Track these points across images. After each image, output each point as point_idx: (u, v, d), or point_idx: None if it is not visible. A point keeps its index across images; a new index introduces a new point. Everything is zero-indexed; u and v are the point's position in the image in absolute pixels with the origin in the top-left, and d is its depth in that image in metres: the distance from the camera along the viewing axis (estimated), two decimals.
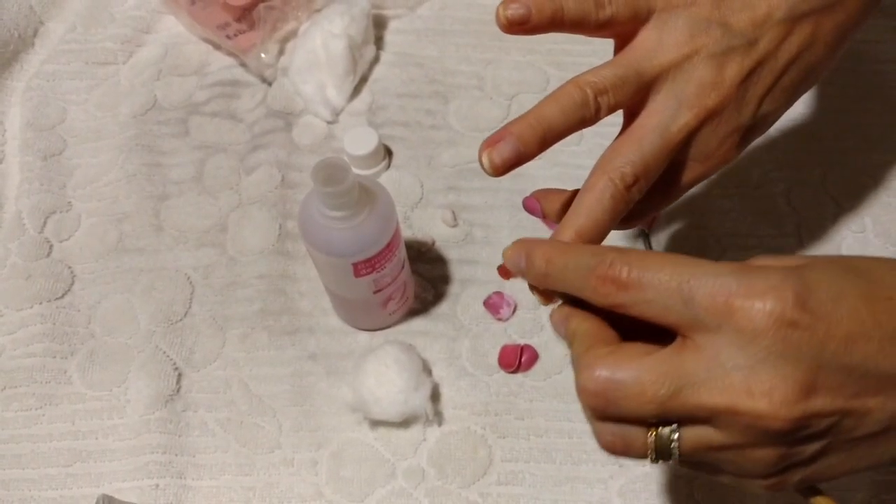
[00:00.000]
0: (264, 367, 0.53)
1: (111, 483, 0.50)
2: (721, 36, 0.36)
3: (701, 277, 0.28)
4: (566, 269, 0.32)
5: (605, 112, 0.36)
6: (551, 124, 0.36)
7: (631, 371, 0.29)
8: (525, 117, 0.36)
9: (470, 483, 0.49)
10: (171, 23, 0.69)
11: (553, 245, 0.33)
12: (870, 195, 0.58)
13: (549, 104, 0.36)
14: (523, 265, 0.34)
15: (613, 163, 0.36)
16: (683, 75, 0.36)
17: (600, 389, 0.29)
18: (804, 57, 0.37)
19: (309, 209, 0.45)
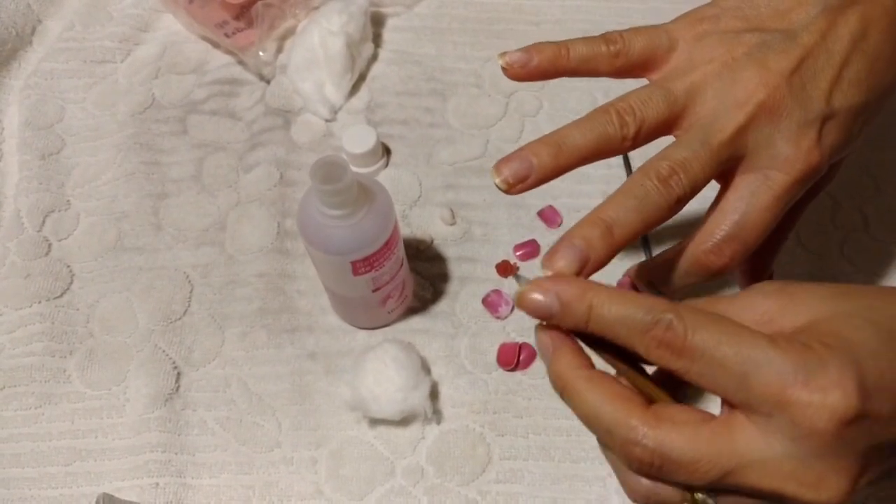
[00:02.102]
0: (263, 365, 0.53)
1: (111, 482, 0.50)
2: (758, 39, 0.35)
3: (761, 364, 0.27)
4: (614, 321, 0.29)
5: (634, 130, 0.35)
6: (567, 140, 0.34)
7: (684, 447, 0.27)
8: (542, 137, 0.35)
9: (469, 481, 0.49)
10: (169, 21, 0.69)
11: (598, 290, 0.30)
12: (869, 194, 0.58)
13: (569, 125, 0.35)
14: (555, 310, 0.30)
15: (652, 161, 0.34)
16: (724, 81, 0.35)
17: (649, 459, 0.28)
18: (861, 46, 0.35)
19: (308, 207, 0.45)
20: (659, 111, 0.35)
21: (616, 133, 0.34)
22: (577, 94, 0.64)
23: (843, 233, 0.57)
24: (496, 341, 0.53)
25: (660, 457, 0.27)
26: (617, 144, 0.35)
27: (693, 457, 0.27)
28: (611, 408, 0.29)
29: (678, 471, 0.27)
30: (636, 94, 0.35)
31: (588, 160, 0.35)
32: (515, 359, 0.52)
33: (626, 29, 0.37)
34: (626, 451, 0.28)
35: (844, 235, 0.57)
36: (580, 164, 0.35)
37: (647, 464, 0.28)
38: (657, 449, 0.27)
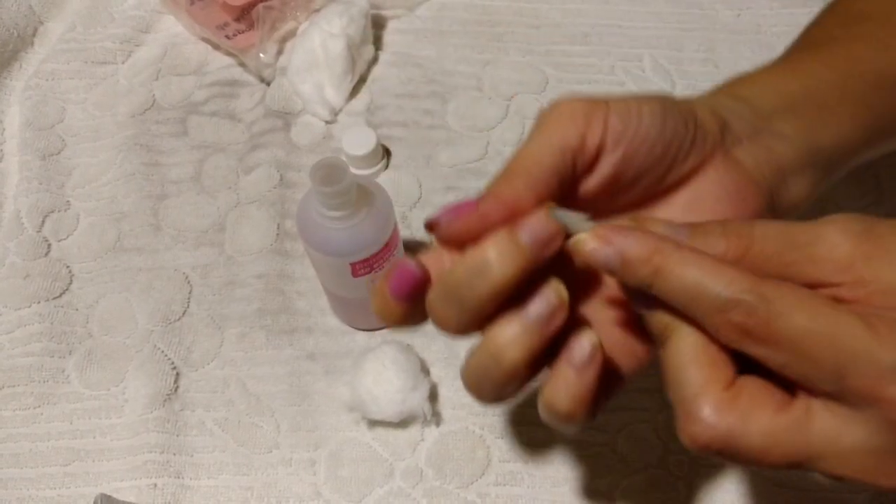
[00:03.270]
0: (262, 366, 0.53)
1: (109, 482, 0.49)
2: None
3: (858, 356, 0.24)
4: (682, 290, 0.26)
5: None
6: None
7: (759, 434, 0.25)
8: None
9: (468, 483, 0.49)
10: (170, 23, 0.69)
11: (668, 252, 0.26)
12: (871, 198, 0.58)
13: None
14: (614, 265, 0.27)
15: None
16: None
17: (718, 444, 0.26)
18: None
19: (307, 209, 0.45)
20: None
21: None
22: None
23: None
24: None
25: (723, 442, 0.26)
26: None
27: (764, 447, 0.26)
28: (693, 370, 0.26)
29: (741, 457, 0.26)
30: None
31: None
32: None
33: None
34: (686, 425, 0.26)
35: None
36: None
37: (702, 446, 0.26)
38: (723, 434, 0.25)
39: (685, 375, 0.27)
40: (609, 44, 0.67)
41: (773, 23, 0.68)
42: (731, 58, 0.66)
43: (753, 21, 0.68)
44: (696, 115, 0.33)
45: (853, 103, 0.38)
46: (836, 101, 0.38)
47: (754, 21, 0.68)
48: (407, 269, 0.30)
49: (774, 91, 0.37)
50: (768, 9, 0.69)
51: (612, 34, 0.68)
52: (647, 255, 0.26)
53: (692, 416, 0.26)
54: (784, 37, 0.67)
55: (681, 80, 0.65)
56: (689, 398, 0.26)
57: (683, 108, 0.33)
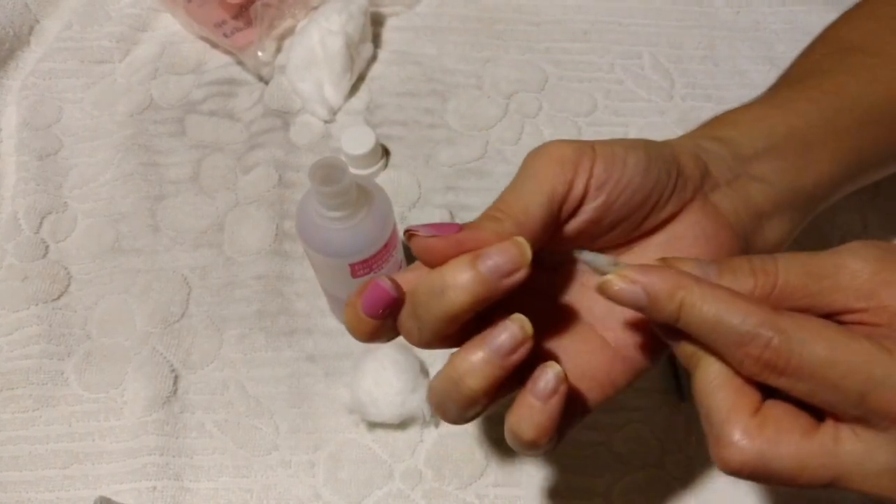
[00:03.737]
0: (262, 368, 0.53)
1: (108, 485, 0.49)
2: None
3: (880, 381, 0.25)
4: (705, 325, 0.27)
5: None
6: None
7: (787, 460, 0.26)
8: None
9: (467, 484, 0.49)
10: (167, 21, 0.69)
11: (691, 288, 0.27)
12: (867, 196, 0.58)
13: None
14: (643, 304, 0.28)
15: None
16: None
17: (749, 468, 0.27)
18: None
19: (306, 209, 0.45)
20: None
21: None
22: (578, 96, 0.64)
23: (842, 235, 0.57)
24: None
25: (754, 466, 0.27)
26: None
27: (794, 470, 0.26)
28: (721, 397, 0.27)
29: (773, 479, 0.27)
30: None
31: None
32: None
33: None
34: (718, 450, 0.27)
35: (843, 237, 0.57)
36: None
37: (735, 469, 0.27)
38: (754, 457, 0.26)
39: (713, 402, 0.28)
40: (608, 41, 0.67)
41: (772, 20, 0.68)
42: (730, 55, 0.66)
43: (752, 18, 0.68)
44: (679, 162, 0.34)
45: (838, 141, 0.39)
46: (821, 141, 0.38)
47: (753, 18, 0.68)
48: (381, 288, 0.30)
49: (758, 132, 0.37)
50: (767, 6, 0.69)
51: (611, 32, 0.67)
52: (671, 291, 0.27)
53: (723, 440, 0.27)
54: (783, 34, 0.67)
55: (680, 78, 0.65)
56: (718, 424, 0.27)
57: (667, 155, 0.33)
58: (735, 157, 0.36)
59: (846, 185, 0.40)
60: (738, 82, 0.64)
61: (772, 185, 0.37)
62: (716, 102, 0.63)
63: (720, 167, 0.36)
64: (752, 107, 0.40)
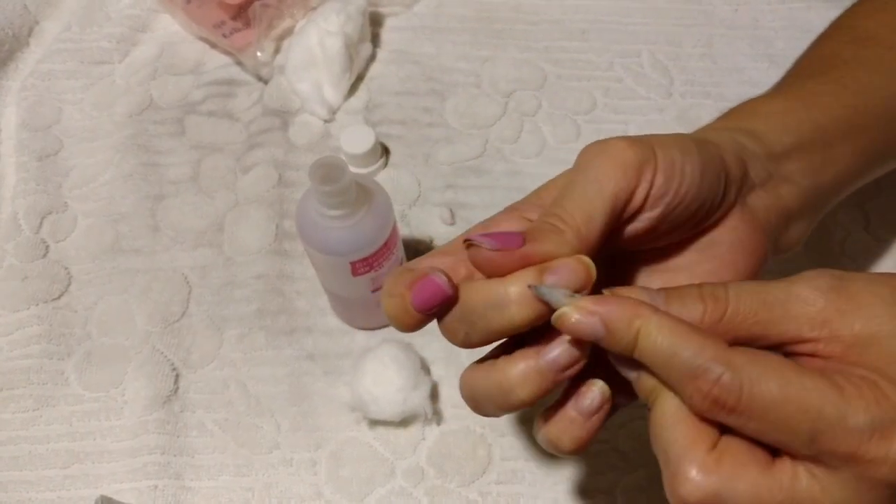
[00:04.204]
0: (262, 367, 0.53)
1: (109, 484, 0.49)
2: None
3: (832, 421, 0.25)
4: (659, 354, 0.26)
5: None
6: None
7: (745, 495, 0.26)
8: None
9: (469, 482, 0.49)
10: (166, 21, 0.69)
11: (648, 317, 0.27)
12: (869, 193, 0.58)
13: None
14: (600, 335, 0.27)
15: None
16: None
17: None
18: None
19: (306, 208, 0.45)
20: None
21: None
22: (576, 94, 0.64)
23: (844, 231, 0.57)
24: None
25: (712, 501, 0.26)
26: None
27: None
28: (679, 432, 0.27)
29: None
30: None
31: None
32: None
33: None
34: (674, 486, 0.27)
35: (845, 234, 0.57)
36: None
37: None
38: (711, 493, 0.26)
39: (670, 437, 0.27)
40: (607, 40, 0.67)
41: (771, 18, 0.68)
42: (729, 53, 0.66)
43: (751, 16, 0.68)
44: (726, 166, 0.33)
45: (857, 138, 0.39)
46: (842, 138, 0.38)
47: (752, 16, 0.68)
48: (436, 285, 0.29)
49: (785, 127, 0.37)
50: (766, 4, 0.69)
51: (610, 30, 0.67)
52: (629, 320, 0.27)
53: (679, 476, 0.26)
54: (781, 31, 0.67)
55: (679, 76, 0.65)
56: (675, 460, 0.27)
57: (716, 159, 0.33)
58: (768, 155, 0.36)
59: (861, 179, 0.40)
60: (737, 80, 0.64)
61: (798, 185, 0.36)
62: (715, 100, 0.63)
63: (756, 167, 0.35)
64: (777, 98, 0.39)
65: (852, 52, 0.42)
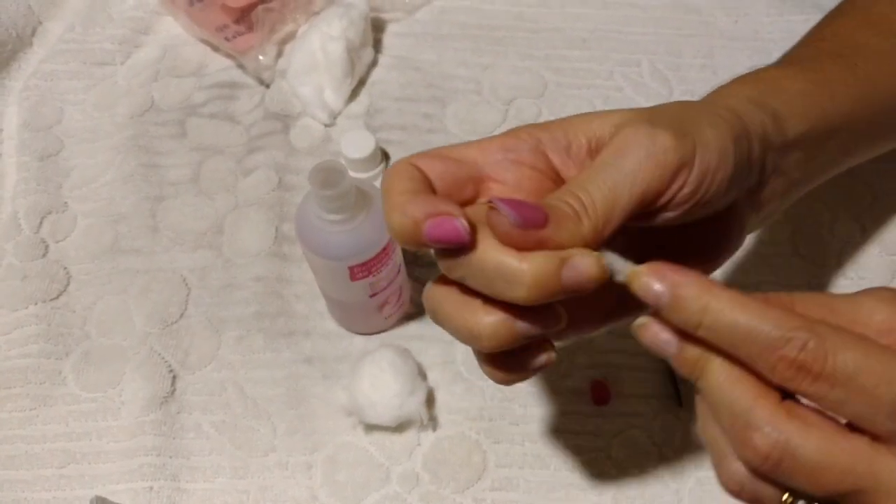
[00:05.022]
0: (259, 369, 0.53)
1: (105, 485, 0.49)
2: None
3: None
4: (734, 330, 0.26)
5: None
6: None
7: (816, 449, 0.25)
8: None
9: (464, 488, 0.49)
10: (169, 24, 0.69)
11: (718, 293, 0.26)
12: (866, 203, 0.58)
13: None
14: (665, 301, 0.27)
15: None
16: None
17: (767, 450, 0.25)
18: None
19: (306, 212, 0.45)
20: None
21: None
22: (576, 103, 0.64)
23: (841, 242, 0.57)
24: None
25: (782, 451, 0.25)
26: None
27: (823, 462, 0.25)
28: (741, 390, 0.26)
29: (798, 473, 0.25)
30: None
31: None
32: None
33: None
34: (745, 436, 0.26)
35: (842, 245, 0.57)
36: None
37: (763, 455, 0.25)
38: (782, 442, 0.25)
39: (733, 395, 0.26)
40: (608, 49, 0.67)
41: (770, 30, 0.68)
42: (729, 64, 0.66)
43: (751, 28, 0.69)
44: (752, 164, 0.33)
45: (850, 132, 0.39)
46: (838, 130, 0.38)
47: (752, 28, 0.69)
48: (457, 231, 0.28)
49: (801, 113, 0.36)
50: (766, 16, 0.69)
51: (610, 39, 0.68)
52: (699, 293, 0.26)
53: (752, 425, 0.26)
54: (781, 43, 0.67)
55: (679, 86, 0.65)
56: (742, 413, 0.26)
57: (746, 162, 0.32)
58: (781, 145, 0.35)
59: (834, 172, 0.40)
60: None
61: (788, 179, 0.36)
62: None
63: (771, 161, 0.34)
64: (799, 76, 0.38)
65: (865, 38, 0.41)
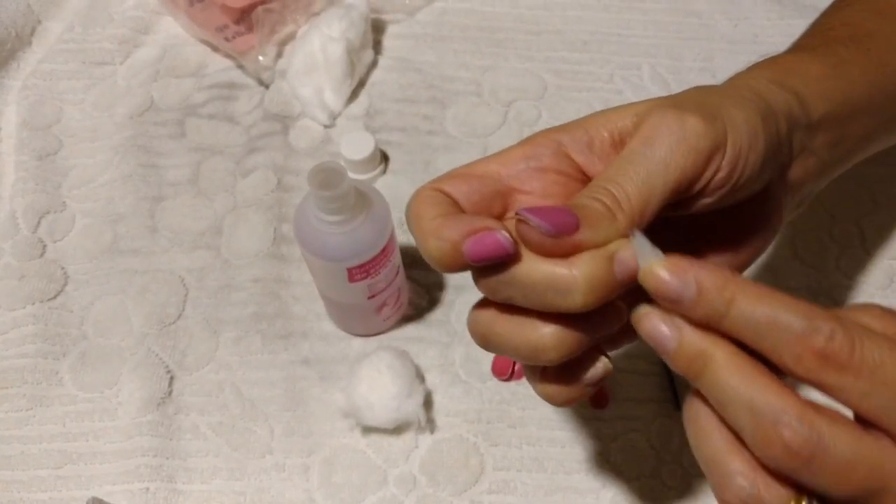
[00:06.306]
0: (257, 371, 0.53)
1: (101, 486, 0.49)
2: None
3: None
4: (757, 320, 0.25)
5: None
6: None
7: (847, 444, 0.24)
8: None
9: (461, 491, 0.49)
10: (169, 24, 0.69)
11: (743, 284, 0.26)
12: (865, 207, 0.58)
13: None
14: (691, 293, 0.26)
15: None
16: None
17: (799, 446, 0.24)
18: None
19: (304, 213, 0.45)
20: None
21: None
22: (576, 105, 0.64)
23: (840, 247, 0.57)
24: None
25: (815, 445, 0.24)
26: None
27: (852, 459, 0.24)
28: (760, 385, 0.25)
29: (826, 469, 0.24)
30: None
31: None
32: (510, 369, 0.52)
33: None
34: (773, 433, 0.24)
35: (841, 249, 0.57)
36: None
37: (794, 452, 0.24)
38: (815, 438, 0.24)
39: (752, 391, 0.25)
40: (608, 52, 0.67)
41: (770, 33, 0.68)
42: (729, 67, 0.66)
43: (751, 31, 0.69)
44: (781, 142, 0.32)
45: (870, 116, 0.39)
46: (860, 112, 0.38)
47: (752, 31, 0.69)
48: (500, 244, 0.27)
49: (821, 94, 0.36)
50: (766, 19, 0.69)
51: (611, 42, 0.68)
52: (722, 285, 0.26)
53: (781, 423, 0.24)
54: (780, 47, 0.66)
55: (679, 89, 0.64)
56: (768, 408, 0.25)
57: (777, 141, 0.32)
58: (807, 125, 0.35)
59: (857, 158, 0.40)
60: None
61: (820, 160, 0.36)
62: None
63: (798, 140, 0.34)
64: (814, 61, 0.38)
65: (876, 25, 0.41)
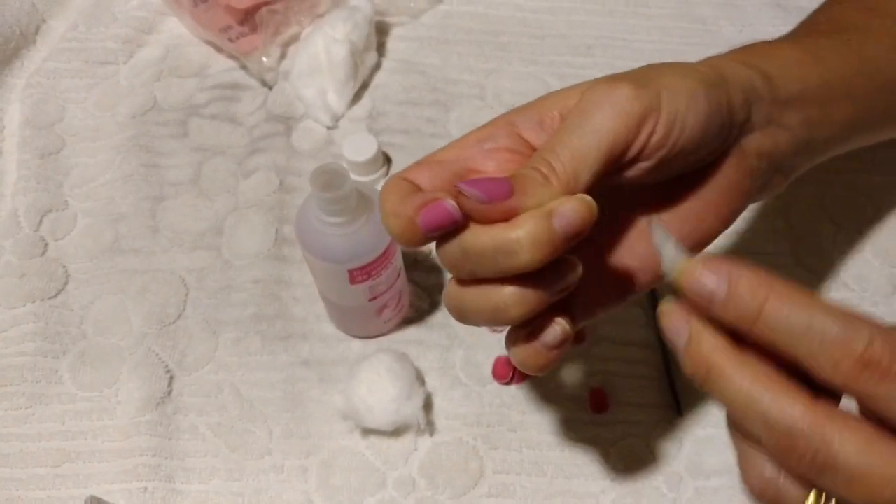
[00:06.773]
0: (257, 372, 0.53)
1: (99, 485, 0.49)
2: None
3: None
4: (792, 325, 0.24)
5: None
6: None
7: (856, 454, 0.23)
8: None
9: (460, 494, 0.49)
10: (173, 24, 0.69)
11: (778, 288, 0.25)
12: (868, 215, 0.58)
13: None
14: (722, 294, 0.25)
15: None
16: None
17: (811, 457, 0.24)
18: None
19: (306, 214, 0.45)
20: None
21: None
22: None
23: (843, 254, 0.57)
24: (491, 354, 0.53)
25: (825, 456, 0.24)
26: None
27: (864, 469, 0.23)
28: (771, 394, 0.25)
29: (838, 479, 0.24)
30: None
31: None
32: (510, 372, 0.52)
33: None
34: (788, 443, 0.24)
35: (844, 256, 0.57)
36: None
37: (807, 462, 0.24)
38: (825, 447, 0.24)
39: (764, 397, 0.25)
40: (612, 56, 0.67)
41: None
42: None
43: (755, 37, 0.68)
44: (731, 108, 0.33)
45: (855, 102, 0.39)
46: (842, 98, 0.38)
47: (756, 37, 0.68)
48: (445, 210, 0.29)
49: (795, 75, 0.37)
50: (770, 26, 0.69)
51: (615, 47, 0.68)
52: (757, 286, 0.25)
53: (791, 430, 0.24)
54: None
55: None
56: (783, 414, 0.24)
57: (723, 105, 0.32)
58: (773, 100, 0.35)
59: (849, 144, 0.41)
60: None
61: (794, 135, 0.36)
62: None
63: (759, 110, 0.34)
64: (793, 47, 0.39)
65: (863, 20, 0.42)
